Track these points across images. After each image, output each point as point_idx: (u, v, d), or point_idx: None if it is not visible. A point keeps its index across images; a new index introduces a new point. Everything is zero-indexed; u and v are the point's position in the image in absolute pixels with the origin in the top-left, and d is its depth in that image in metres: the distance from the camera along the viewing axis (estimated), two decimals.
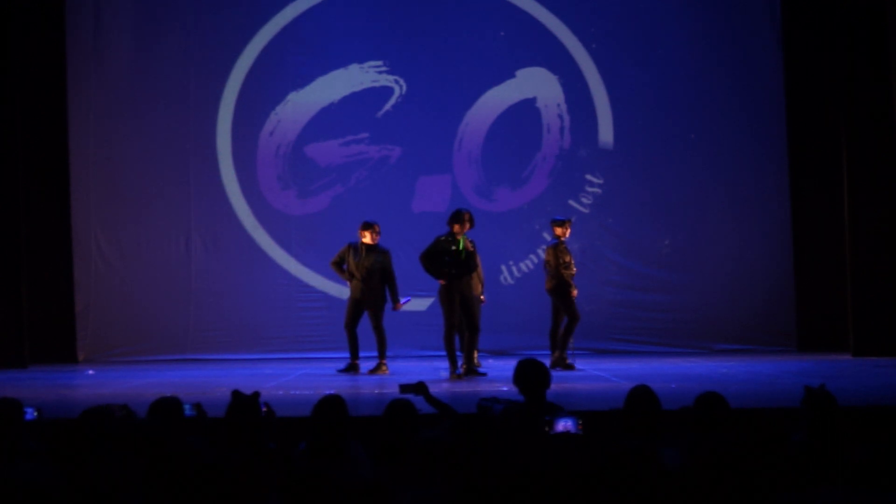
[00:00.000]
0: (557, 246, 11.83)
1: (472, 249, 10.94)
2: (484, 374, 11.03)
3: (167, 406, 5.59)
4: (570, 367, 11.76)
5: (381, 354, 11.81)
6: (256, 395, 5.45)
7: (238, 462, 4.33)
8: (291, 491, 4.30)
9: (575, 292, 11.73)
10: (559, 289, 11.77)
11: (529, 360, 5.99)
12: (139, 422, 5.44)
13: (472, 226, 11.00)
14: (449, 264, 10.85)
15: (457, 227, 10.93)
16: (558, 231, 11.88)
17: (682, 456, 4.70)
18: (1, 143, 12.87)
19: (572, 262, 11.86)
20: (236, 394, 5.44)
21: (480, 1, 14.51)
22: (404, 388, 6.40)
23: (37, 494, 4.44)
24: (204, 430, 5.65)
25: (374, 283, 11.75)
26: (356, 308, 11.90)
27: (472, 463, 4.69)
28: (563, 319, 11.84)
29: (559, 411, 5.72)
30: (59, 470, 4.72)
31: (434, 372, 11.55)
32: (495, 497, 4.10)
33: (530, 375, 5.89)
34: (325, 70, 14.47)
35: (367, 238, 11.78)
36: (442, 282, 10.88)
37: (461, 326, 11.11)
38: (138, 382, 11.00)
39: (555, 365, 11.51)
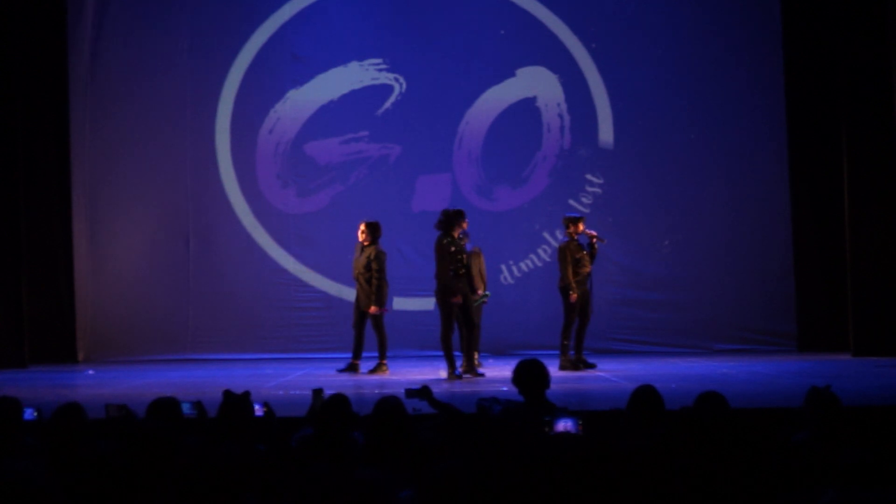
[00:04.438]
0: (568, 245, 11.78)
1: (453, 250, 10.83)
2: (482, 375, 11.01)
3: (166, 406, 5.59)
4: (590, 366, 11.70)
5: (382, 354, 11.78)
6: (247, 394, 5.45)
7: (225, 461, 4.31)
8: (285, 489, 4.28)
9: (574, 296, 11.66)
10: (563, 290, 11.73)
11: (529, 360, 5.99)
12: (139, 422, 5.43)
13: (456, 226, 10.93)
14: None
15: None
16: (571, 229, 11.82)
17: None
18: (1, 143, 12.87)
19: (584, 259, 11.79)
20: (227, 393, 5.43)
21: None
22: (410, 392, 6.46)
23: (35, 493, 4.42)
24: (204, 430, 5.64)
25: (364, 284, 11.72)
26: (357, 307, 11.88)
27: (471, 463, 4.68)
28: (574, 320, 11.78)
29: (559, 411, 5.72)
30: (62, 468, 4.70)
31: (434, 372, 11.54)
32: (494, 497, 4.09)
33: (529, 376, 5.90)
34: (324, 67, 14.45)
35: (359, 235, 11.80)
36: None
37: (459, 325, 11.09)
38: (138, 382, 11.00)
39: (572, 367, 11.50)
